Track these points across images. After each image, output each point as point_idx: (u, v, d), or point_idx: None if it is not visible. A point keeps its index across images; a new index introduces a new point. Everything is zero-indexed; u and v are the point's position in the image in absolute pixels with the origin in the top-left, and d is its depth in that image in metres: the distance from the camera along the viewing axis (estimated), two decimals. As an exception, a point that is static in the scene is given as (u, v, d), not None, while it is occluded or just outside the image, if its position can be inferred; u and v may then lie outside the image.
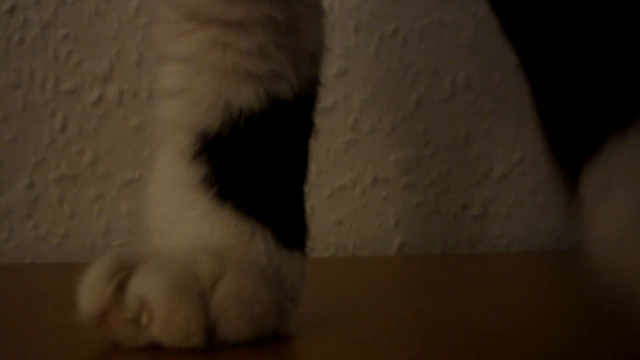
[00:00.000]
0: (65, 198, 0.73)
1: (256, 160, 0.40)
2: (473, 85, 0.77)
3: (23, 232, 0.72)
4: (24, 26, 0.72)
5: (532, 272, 0.66)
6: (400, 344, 0.41)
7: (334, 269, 0.60)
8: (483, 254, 0.77)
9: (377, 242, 0.76)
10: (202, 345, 0.37)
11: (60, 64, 0.72)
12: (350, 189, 0.76)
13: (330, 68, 0.74)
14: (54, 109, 0.72)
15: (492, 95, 0.77)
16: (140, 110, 0.73)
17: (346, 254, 0.76)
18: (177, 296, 0.36)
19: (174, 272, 0.37)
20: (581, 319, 0.45)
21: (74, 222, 0.73)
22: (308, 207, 0.43)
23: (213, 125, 0.40)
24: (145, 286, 0.36)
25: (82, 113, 0.73)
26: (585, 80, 0.31)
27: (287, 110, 0.40)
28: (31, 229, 0.72)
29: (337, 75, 0.75)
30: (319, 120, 0.44)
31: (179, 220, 0.40)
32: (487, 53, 0.77)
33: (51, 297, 0.55)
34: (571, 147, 0.32)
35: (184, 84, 0.40)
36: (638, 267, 0.29)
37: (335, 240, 0.75)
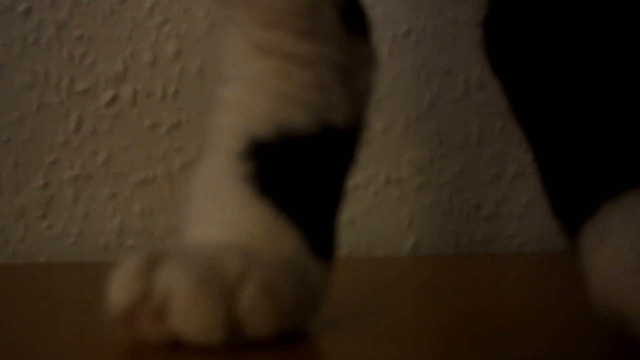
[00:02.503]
0: (79, 198, 0.73)
1: (299, 169, 0.43)
2: (486, 84, 0.77)
3: (38, 231, 0.73)
4: (39, 27, 0.73)
5: (545, 272, 0.66)
6: (414, 343, 0.41)
7: (346, 268, 0.60)
8: (496, 254, 0.77)
9: (390, 241, 0.76)
10: (224, 341, 0.37)
11: (75, 64, 0.73)
12: (363, 189, 0.76)
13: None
14: (69, 109, 0.73)
15: (505, 95, 0.77)
16: (153, 111, 0.74)
17: (359, 253, 0.76)
18: (201, 290, 0.36)
19: (201, 266, 0.37)
20: (596, 318, 0.45)
21: (88, 222, 0.73)
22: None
23: (265, 133, 0.43)
24: (171, 280, 0.36)
25: (96, 113, 0.73)
26: (584, 159, 0.40)
27: (335, 136, 0.44)
28: (46, 228, 0.73)
29: (350, 75, 0.75)
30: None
31: (217, 206, 0.42)
32: (500, 53, 0.77)
33: (66, 296, 0.55)
34: (572, 211, 0.41)
35: (243, 101, 0.43)
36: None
37: (348, 239, 0.75)
